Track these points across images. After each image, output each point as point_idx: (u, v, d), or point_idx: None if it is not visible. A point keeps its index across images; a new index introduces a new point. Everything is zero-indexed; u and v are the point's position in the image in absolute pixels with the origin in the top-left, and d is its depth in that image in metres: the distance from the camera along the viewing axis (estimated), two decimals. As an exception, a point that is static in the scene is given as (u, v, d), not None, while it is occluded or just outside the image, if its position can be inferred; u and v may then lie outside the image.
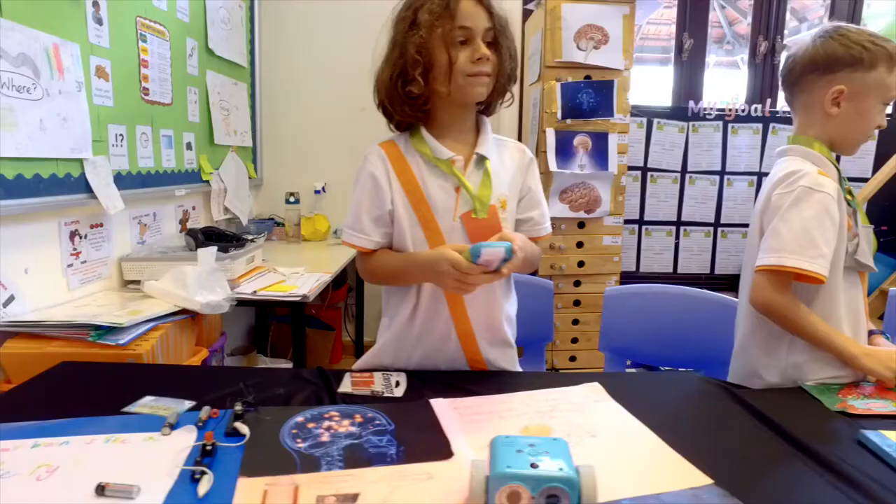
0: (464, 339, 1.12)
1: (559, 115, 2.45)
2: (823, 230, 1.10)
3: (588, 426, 0.92)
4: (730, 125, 3.15)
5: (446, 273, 0.95)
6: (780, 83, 1.27)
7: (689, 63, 3.21)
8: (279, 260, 2.32)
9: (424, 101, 1.06)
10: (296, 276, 2.04)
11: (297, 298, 1.79)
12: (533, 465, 0.67)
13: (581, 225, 2.54)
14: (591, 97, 2.45)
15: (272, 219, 3.09)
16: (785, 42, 3.28)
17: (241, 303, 1.77)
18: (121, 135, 1.82)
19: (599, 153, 2.47)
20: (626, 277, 3.03)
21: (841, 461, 0.83)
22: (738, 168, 3.16)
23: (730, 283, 3.12)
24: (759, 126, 3.15)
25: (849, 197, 1.18)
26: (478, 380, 1.10)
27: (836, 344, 1.13)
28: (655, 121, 3.09)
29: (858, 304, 1.19)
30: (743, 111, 3.12)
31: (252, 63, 2.98)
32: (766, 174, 1.26)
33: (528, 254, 1.15)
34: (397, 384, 1.07)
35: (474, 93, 1.05)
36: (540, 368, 1.82)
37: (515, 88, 1.16)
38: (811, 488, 0.78)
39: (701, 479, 0.77)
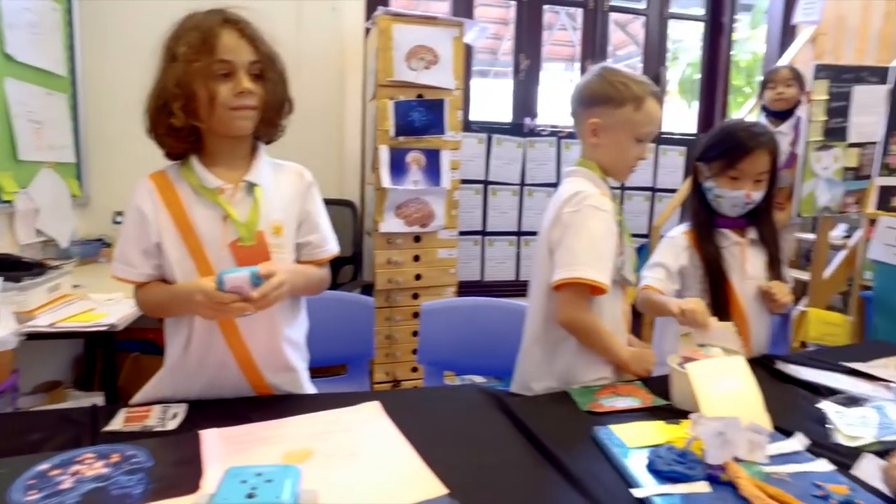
0: (244, 367, 1.12)
1: (392, 133, 2.51)
2: (607, 245, 1.24)
3: (353, 446, 0.96)
4: (563, 141, 3.40)
5: (200, 303, 0.96)
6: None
7: (526, 82, 3.43)
8: (100, 285, 2.16)
9: (189, 132, 1.05)
10: (110, 303, 1.91)
11: (104, 328, 1.68)
12: (250, 496, 0.69)
13: (417, 239, 2.62)
14: (422, 115, 2.54)
15: (100, 239, 2.87)
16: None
17: (38, 336, 1.63)
18: None
19: (432, 169, 2.57)
20: (470, 287, 3.17)
21: (574, 461, 0.93)
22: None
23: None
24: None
25: (618, 217, 1.33)
26: (261, 406, 1.10)
27: (614, 352, 1.28)
28: (495, 136, 3.26)
29: (619, 313, 1.34)
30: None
31: (73, 72, 2.76)
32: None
33: (309, 279, 1.17)
34: (174, 416, 1.05)
35: (237, 126, 1.06)
36: (363, 385, 1.85)
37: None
38: (540, 490, 0.87)
39: (437, 490, 0.83)
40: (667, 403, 1.15)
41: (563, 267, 1.23)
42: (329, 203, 1.23)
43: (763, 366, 1.40)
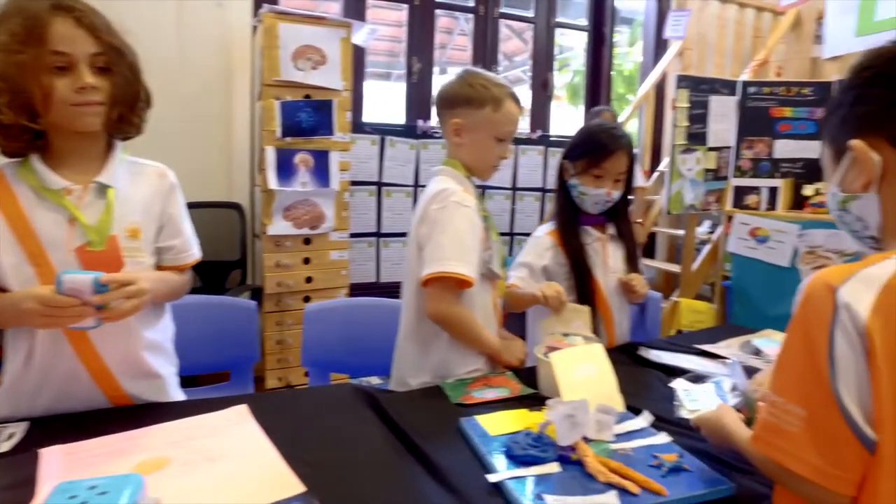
0: (98, 376, 1.05)
1: (279, 133, 2.45)
2: (472, 240, 1.28)
3: (212, 451, 0.93)
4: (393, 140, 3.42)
5: (32, 311, 0.88)
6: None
7: (419, 85, 3.46)
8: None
9: (22, 129, 0.97)
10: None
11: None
12: (79, 510, 0.65)
13: (307, 241, 2.57)
14: (310, 116, 2.50)
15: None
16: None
17: None
18: None
19: (321, 170, 2.53)
20: (366, 289, 3.15)
21: (437, 452, 0.95)
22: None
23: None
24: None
25: (484, 213, 1.37)
26: (119, 417, 1.04)
27: (485, 343, 1.32)
28: (388, 138, 3.27)
29: (489, 306, 1.39)
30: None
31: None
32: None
33: (172, 286, 1.13)
34: (9, 437, 0.97)
35: (81, 123, 0.99)
36: (247, 389, 1.79)
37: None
38: (399, 483, 0.88)
39: (294, 488, 0.83)
40: (534, 392, 1.21)
41: (430, 262, 1.25)
42: (216, 206, 1.19)
43: (626, 352, 1.50)
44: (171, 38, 2.66)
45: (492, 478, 0.87)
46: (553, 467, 0.90)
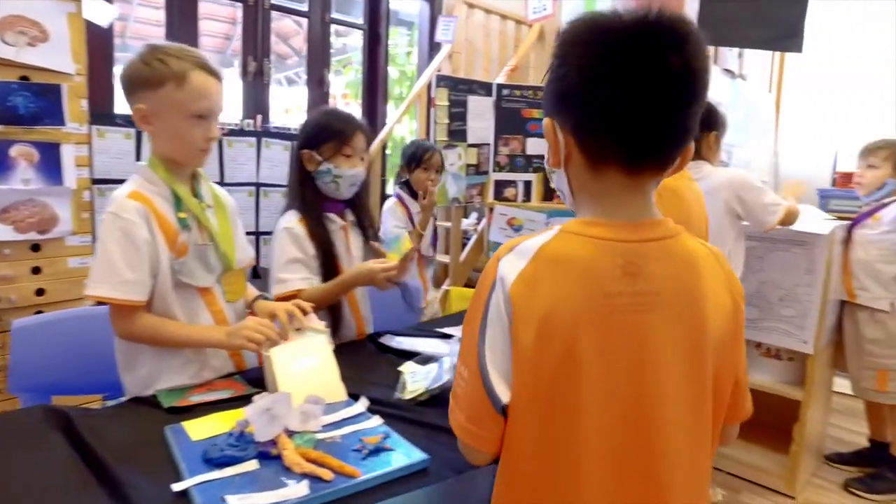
0: None
1: (-14, 121, 2.07)
2: (126, 255, 1.13)
3: None
4: (225, 139, 3.26)
5: None
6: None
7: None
8: None
9: None
10: None
11: None
12: None
13: (35, 248, 2.22)
14: (30, 102, 2.15)
15: None
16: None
17: None
18: None
19: (50, 166, 2.20)
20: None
21: (128, 469, 0.86)
22: (237, 179, 3.31)
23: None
24: (254, 140, 3.36)
25: (182, 215, 1.21)
26: None
27: (205, 339, 1.21)
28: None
29: (200, 315, 1.24)
30: (237, 126, 3.27)
31: None
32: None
33: None
34: None
35: None
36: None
37: None
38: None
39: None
40: (258, 391, 1.16)
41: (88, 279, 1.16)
42: None
43: (372, 340, 1.53)
44: None
45: (176, 487, 0.81)
46: (251, 465, 0.87)
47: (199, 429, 0.97)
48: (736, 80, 3.59)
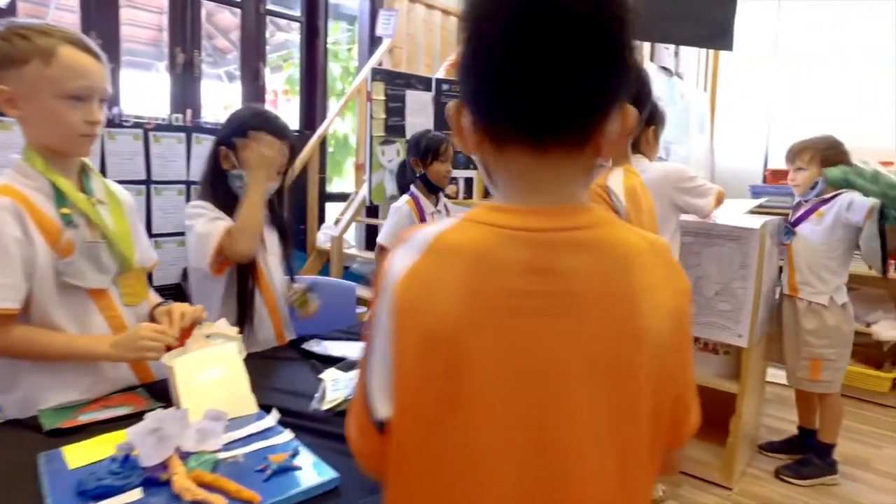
0: None
1: None
2: None
3: None
4: (151, 134, 3.08)
5: None
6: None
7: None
8: None
9: None
10: None
11: None
12: None
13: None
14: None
15: None
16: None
17: None
18: None
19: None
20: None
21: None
22: (166, 177, 3.13)
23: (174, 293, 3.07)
24: (183, 136, 3.19)
25: (66, 211, 1.09)
26: None
27: (86, 351, 1.09)
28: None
29: (92, 319, 1.12)
30: (164, 121, 3.09)
31: None
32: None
33: None
34: None
35: None
36: None
37: None
38: None
39: None
40: (162, 406, 1.06)
41: None
42: None
43: (294, 346, 1.44)
44: None
45: (38, 526, 0.71)
46: (134, 495, 0.77)
47: (80, 454, 0.86)
48: (673, 78, 3.65)
